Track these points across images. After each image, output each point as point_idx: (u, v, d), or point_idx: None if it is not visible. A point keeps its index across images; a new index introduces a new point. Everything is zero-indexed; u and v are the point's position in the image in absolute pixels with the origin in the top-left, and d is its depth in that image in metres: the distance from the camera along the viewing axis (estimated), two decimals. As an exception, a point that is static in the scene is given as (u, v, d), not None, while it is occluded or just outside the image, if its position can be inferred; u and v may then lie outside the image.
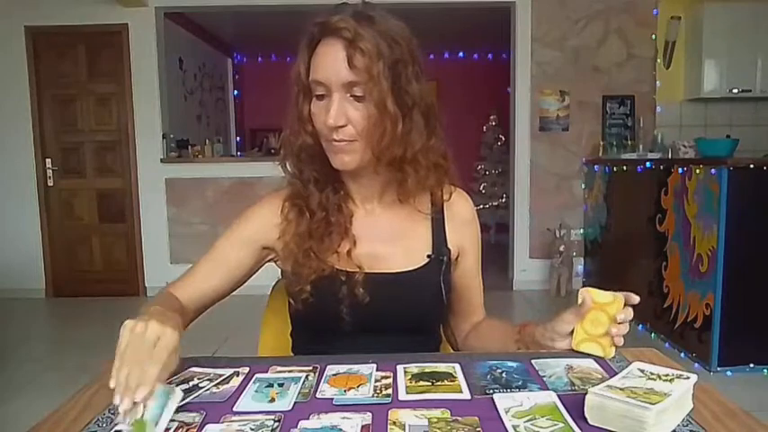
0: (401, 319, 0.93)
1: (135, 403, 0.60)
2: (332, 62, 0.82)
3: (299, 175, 0.94)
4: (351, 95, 0.83)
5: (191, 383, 0.71)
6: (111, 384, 0.61)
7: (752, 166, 2.65)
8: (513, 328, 0.97)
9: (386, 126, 0.83)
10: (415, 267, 0.94)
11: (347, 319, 0.89)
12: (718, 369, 2.70)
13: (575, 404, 0.62)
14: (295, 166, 0.94)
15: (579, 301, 0.83)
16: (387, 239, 0.95)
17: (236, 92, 7.15)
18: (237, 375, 0.74)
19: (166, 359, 0.65)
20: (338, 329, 0.91)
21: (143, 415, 0.60)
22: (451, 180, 0.97)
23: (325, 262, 0.89)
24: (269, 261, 0.99)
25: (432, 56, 6.55)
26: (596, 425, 0.59)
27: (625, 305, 0.81)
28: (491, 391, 0.67)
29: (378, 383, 0.70)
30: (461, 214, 1.01)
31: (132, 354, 0.63)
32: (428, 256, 0.95)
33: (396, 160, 0.87)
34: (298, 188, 0.94)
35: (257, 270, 0.99)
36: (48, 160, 4.46)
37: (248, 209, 0.99)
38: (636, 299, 0.82)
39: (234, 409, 0.65)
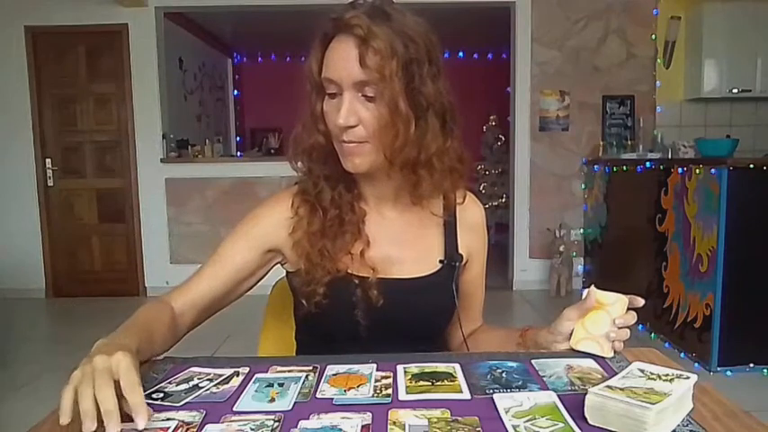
0: (415, 325, 0.92)
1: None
2: (343, 60, 0.80)
3: (309, 173, 0.91)
4: (362, 95, 0.81)
5: (191, 383, 0.71)
6: (64, 420, 0.56)
7: (752, 166, 2.65)
8: (514, 332, 0.96)
9: (398, 128, 0.81)
10: (428, 273, 0.92)
11: (362, 323, 0.87)
12: (718, 369, 2.70)
13: (575, 404, 0.62)
14: (305, 164, 0.91)
15: (583, 298, 0.83)
16: (400, 243, 0.93)
17: (236, 92, 7.15)
18: (237, 375, 0.74)
19: (133, 377, 0.60)
20: (351, 334, 0.89)
21: None
22: (465, 184, 0.95)
23: (338, 264, 0.87)
24: (276, 264, 0.96)
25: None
26: (596, 425, 0.59)
27: (629, 308, 0.81)
28: (491, 391, 0.67)
29: (378, 383, 0.70)
30: (473, 220, 1.00)
31: (89, 382, 0.58)
32: (440, 262, 0.93)
33: (409, 163, 0.84)
34: (307, 186, 0.92)
35: (263, 276, 0.96)
36: (48, 160, 4.47)
37: (255, 209, 0.95)
38: (640, 302, 0.81)
39: (234, 409, 0.64)
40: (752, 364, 2.71)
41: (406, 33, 0.81)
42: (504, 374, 0.73)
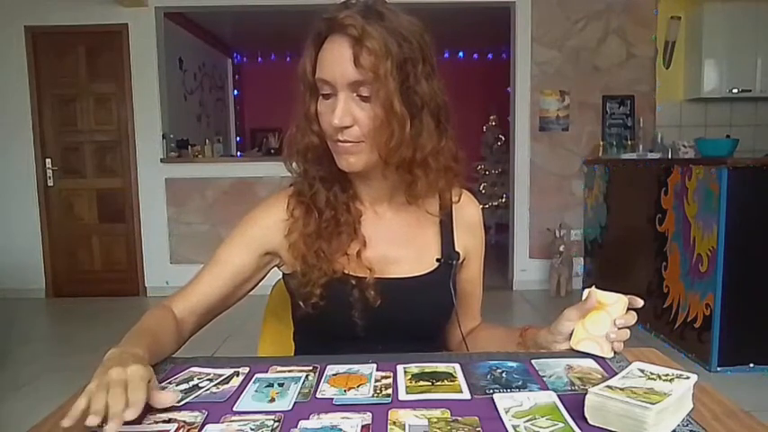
0: (413, 324, 0.92)
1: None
2: (338, 60, 0.80)
3: (304, 175, 0.91)
4: (357, 95, 0.81)
5: (191, 383, 0.71)
6: (66, 423, 0.57)
7: (752, 166, 2.65)
8: (514, 332, 0.96)
9: (393, 127, 0.81)
10: (426, 272, 0.92)
11: (360, 323, 0.87)
12: (719, 369, 2.70)
13: (575, 404, 0.62)
14: (300, 165, 0.91)
15: (584, 298, 0.83)
16: (396, 242, 0.93)
17: (236, 92, 7.15)
18: (237, 375, 0.74)
19: (139, 395, 0.60)
20: (349, 335, 0.89)
21: None
22: (460, 182, 0.95)
23: (335, 264, 0.87)
24: (273, 267, 0.96)
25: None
26: (596, 425, 0.59)
27: (629, 308, 0.81)
28: (491, 391, 0.67)
29: (378, 383, 0.70)
30: (470, 218, 1.00)
31: (105, 389, 0.59)
32: (437, 260, 0.93)
33: (405, 163, 0.84)
34: (303, 187, 0.92)
35: (261, 278, 0.96)
36: (48, 160, 4.46)
37: (251, 211, 0.95)
38: (640, 302, 0.81)
39: (234, 409, 0.64)
40: (752, 364, 2.71)
41: (399, 33, 0.80)
42: (504, 374, 0.73)
